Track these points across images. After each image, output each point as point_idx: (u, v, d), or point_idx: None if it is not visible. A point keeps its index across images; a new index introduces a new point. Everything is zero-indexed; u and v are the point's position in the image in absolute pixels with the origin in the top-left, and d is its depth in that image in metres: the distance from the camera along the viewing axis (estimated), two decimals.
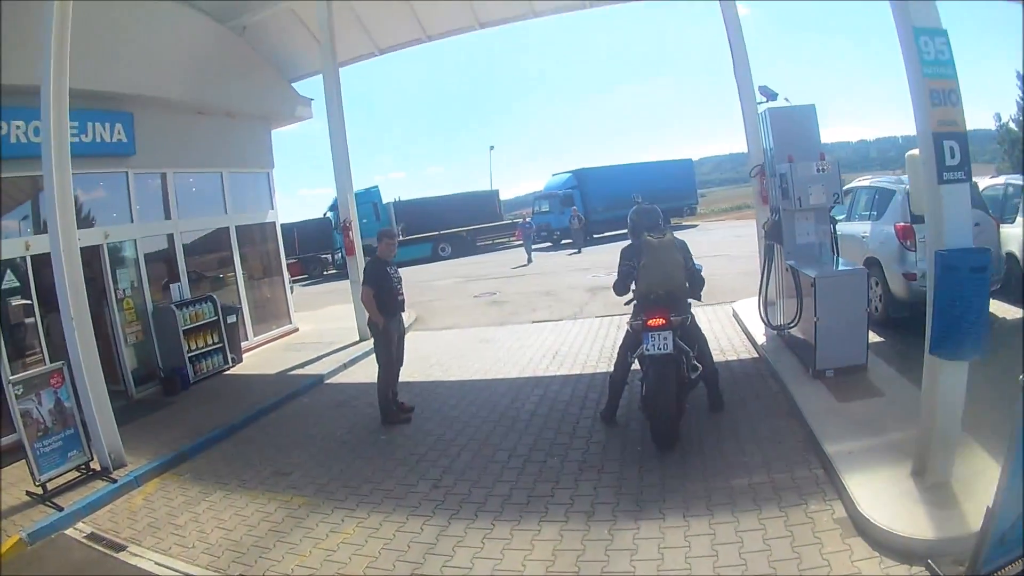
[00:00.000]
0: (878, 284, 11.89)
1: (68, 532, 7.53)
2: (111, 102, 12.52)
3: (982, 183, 13.07)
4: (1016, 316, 11.54)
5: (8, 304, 10.81)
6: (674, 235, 8.40)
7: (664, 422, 7.48)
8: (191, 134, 14.97)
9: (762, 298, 11.11)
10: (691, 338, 8.15)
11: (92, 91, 11.45)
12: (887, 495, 5.70)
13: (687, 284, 8.28)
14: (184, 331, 13.28)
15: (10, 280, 10.76)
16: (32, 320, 11.06)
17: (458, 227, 43.84)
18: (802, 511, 5.91)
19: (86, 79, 10.34)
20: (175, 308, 13.33)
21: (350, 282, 16.02)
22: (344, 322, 16.85)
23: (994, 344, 5.47)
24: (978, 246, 5.51)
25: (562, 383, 10.79)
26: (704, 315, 9.87)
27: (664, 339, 7.51)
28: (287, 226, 38.54)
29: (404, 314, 10.28)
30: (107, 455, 8.81)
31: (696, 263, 8.55)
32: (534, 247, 35.17)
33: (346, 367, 13.61)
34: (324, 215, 41.07)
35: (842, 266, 9.85)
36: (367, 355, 13.54)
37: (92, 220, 12.74)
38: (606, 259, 25.87)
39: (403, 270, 10.23)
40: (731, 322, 13.37)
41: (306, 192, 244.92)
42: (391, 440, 9.19)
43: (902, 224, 11.36)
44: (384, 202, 42.70)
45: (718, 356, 10.18)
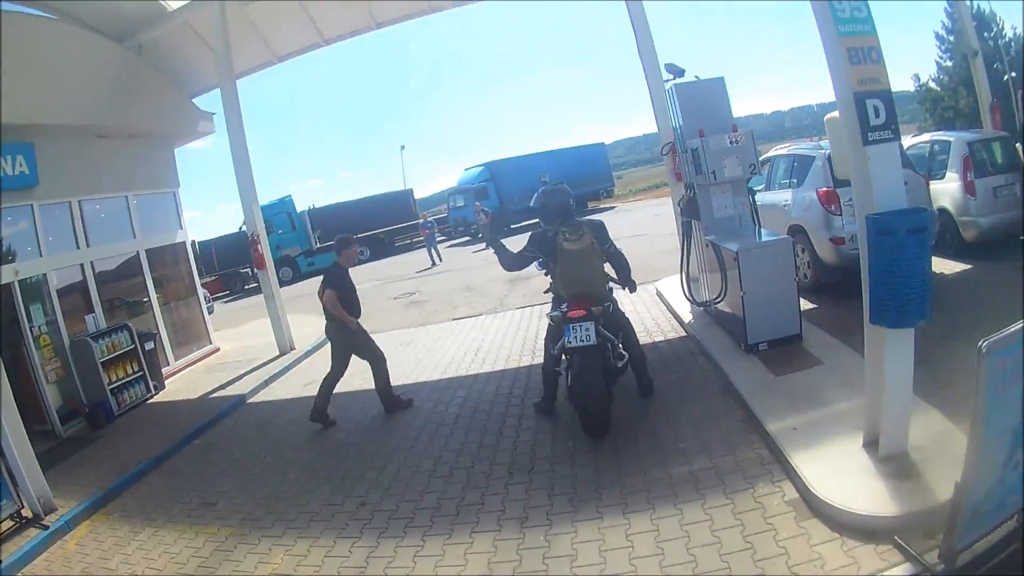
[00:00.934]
0: (805, 251, 11.90)
1: None
2: (10, 134, 11.82)
3: (906, 142, 13.26)
4: (953, 270, 11.75)
5: None
6: (590, 220, 8.24)
7: (593, 412, 7.29)
8: (94, 159, 14.37)
9: (684, 275, 11.03)
10: (615, 325, 8.01)
11: None
12: (841, 471, 5.49)
13: (608, 279, 8.18)
14: (102, 363, 12.71)
15: None
16: None
17: (375, 229, 43.32)
18: (749, 496, 5.67)
19: None
20: (91, 340, 12.77)
21: (264, 296, 15.76)
22: (265, 337, 16.46)
23: (935, 301, 5.24)
24: (911, 206, 5.29)
25: (485, 381, 10.57)
26: (627, 296, 9.66)
27: (586, 330, 7.32)
28: (205, 243, 38.12)
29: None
30: (36, 501, 8.36)
31: (610, 243, 8.33)
32: (451, 243, 34.95)
33: (267, 384, 13.26)
34: (240, 229, 40.27)
35: (765, 237, 9.73)
36: (287, 370, 13.66)
37: (1, 258, 12.10)
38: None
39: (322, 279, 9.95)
40: (655, 302, 13.29)
41: (225, 207, 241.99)
42: (314, 458, 8.86)
43: (824, 189, 11.40)
44: (299, 211, 42.34)
45: (644, 338, 10.05)
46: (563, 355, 7.81)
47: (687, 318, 11.27)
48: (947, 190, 12.61)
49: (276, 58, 17.79)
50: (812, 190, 11.75)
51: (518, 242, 8.56)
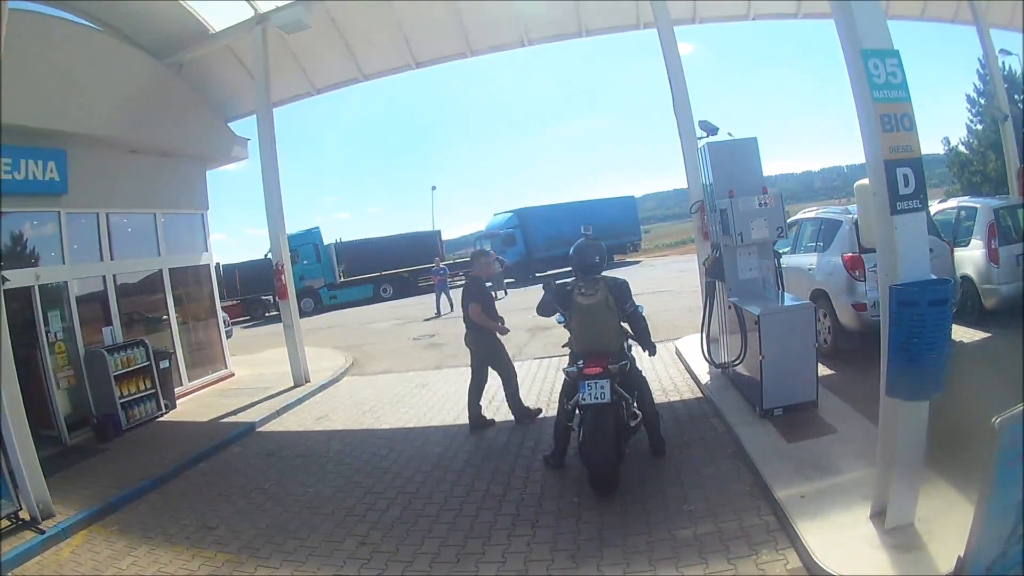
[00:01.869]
0: (826, 316, 11.86)
1: None
2: (44, 139, 12.07)
3: (933, 208, 13.30)
4: (974, 338, 11.65)
5: None
6: (612, 278, 8.21)
7: (602, 470, 7.22)
8: (125, 173, 14.51)
9: (705, 336, 10.83)
10: (631, 383, 7.98)
11: (24, 127, 11.06)
12: (845, 541, 5.38)
13: (626, 336, 8.23)
14: (115, 376, 12.76)
15: None
16: None
17: (399, 268, 43.54)
18: (752, 563, 5.55)
19: (19, 114, 10.03)
20: (106, 352, 12.82)
21: (283, 326, 15.73)
22: (280, 367, 16.39)
23: (952, 370, 5.14)
24: (935, 275, 5.21)
25: (497, 430, 10.44)
26: (645, 354, 9.59)
27: (601, 388, 7.32)
28: (229, 267, 38.39)
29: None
30: (35, 504, 8.37)
31: (638, 304, 8.33)
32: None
33: (279, 414, 13.15)
34: (265, 256, 40.52)
35: (787, 301, 9.64)
36: (299, 402, 13.55)
37: (24, 260, 12.25)
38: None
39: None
40: (674, 360, 13.16)
41: (253, 232, 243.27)
42: (319, 493, 8.73)
43: (850, 255, 11.37)
44: (325, 243, 42.59)
45: (660, 396, 9.97)
46: (576, 410, 7.73)
47: (704, 379, 11.15)
48: (971, 257, 12.57)
49: (314, 89, 18.11)
50: (838, 255, 11.71)
51: (541, 291, 8.52)
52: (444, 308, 28.39)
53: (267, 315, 40.47)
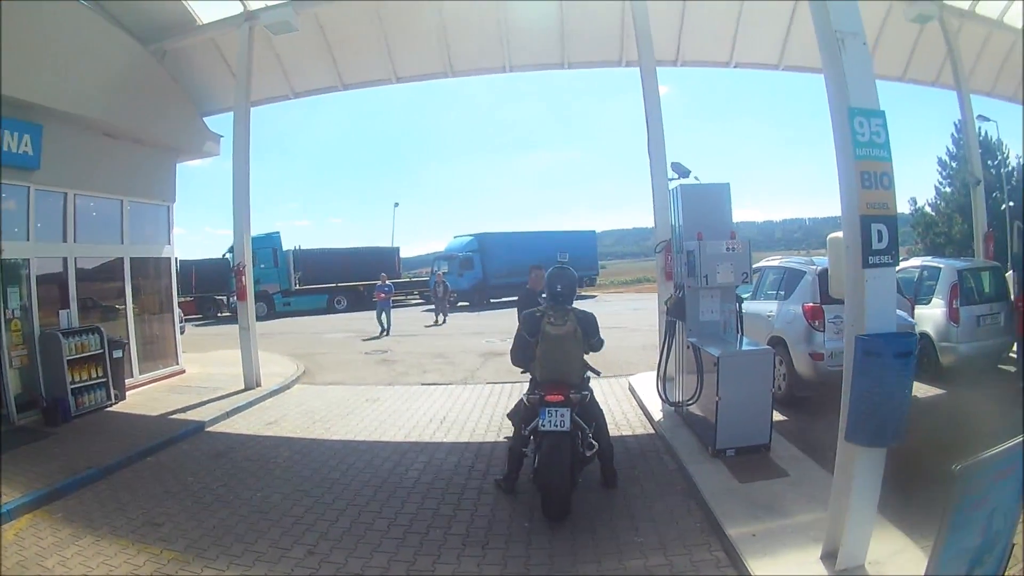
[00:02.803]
0: (782, 363, 12.00)
1: None
2: (21, 111, 11.90)
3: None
4: (928, 394, 11.98)
5: None
6: (581, 311, 8.29)
7: (556, 496, 7.27)
8: (97, 157, 14.35)
9: (661, 374, 10.94)
10: (589, 415, 8.02)
11: (5, 96, 10.97)
12: None
13: (587, 369, 8.29)
14: (68, 361, 12.60)
15: None
16: None
17: (355, 281, 43.38)
18: None
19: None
20: (61, 335, 12.67)
21: (239, 328, 15.60)
22: (231, 368, 16.29)
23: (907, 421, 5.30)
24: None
25: (449, 450, 10.44)
26: (599, 388, 9.70)
27: (561, 416, 7.41)
28: (186, 263, 37.77)
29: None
30: None
31: (599, 338, 8.37)
32: (429, 307, 34.44)
33: (228, 416, 13.02)
34: (223, 256, 40.20)
35: (747, 345, 9.83)
36: (250, 405, 13.48)
37: None
38: (502, 324, 25.81)
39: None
40: (627, 396, 13.23)
41: (211, 230, 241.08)
42: (267, 498, 8.65)
43: (811, 305, 11.60)
44: (284, 249, 42.46)
45: (612, 430, 9.93)
46: (532, 436, 7.81)
47: (657, 416, 11.23)
48: (931, 315, 13.03)
49: (293, 93, 18.12)
50: (799, 304, 11.95)
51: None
52: (385, 327, 28.21)
53: (220, 315, 40.26)
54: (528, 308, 9.30)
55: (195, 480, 9.50)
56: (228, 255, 39.32)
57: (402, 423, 12.19)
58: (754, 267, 13.05)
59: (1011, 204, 31.92)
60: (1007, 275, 14.33)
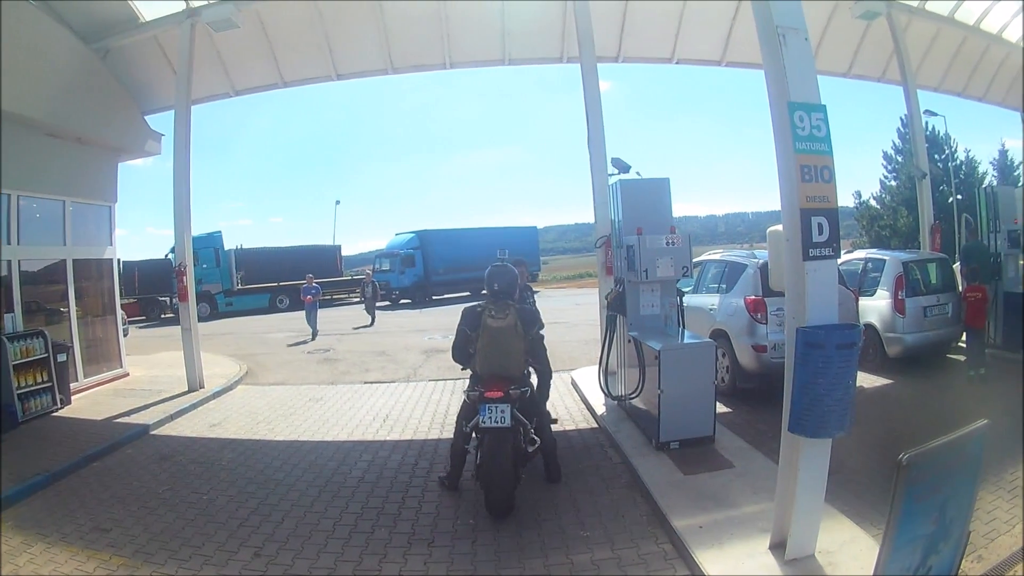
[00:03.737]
0: (725, 356, 12.13)
1: None
2: None
3: (840, 258, 13.74)
4: (875, 384, 12.24)
5: None
6: (522, 306, 8.37)
7: (499, 493, 7.28)
8: (40, 157, 14.02)
9: (603, 368, 10.98)
10: (530, 411, 8.02)
11: None
12: (745, 571, 5.54)
13: (527, 363, 8.23)
14: (14, 366, 12.34)
15: None
16: None
17: (298, 280, 42.62)
18: None
19: None
20: (6, 340, 12.40)
21: (181, 329, 15.39)
22: (175, 370, 16.14)
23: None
24: (841, 320, 5.43)
25: (392, 448, 10.41)
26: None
27: (502, 412, 7.40)
28: (129, 264, 37.15)
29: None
30: None
31: (539, 328, 8.45)
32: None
33: (172, 418, 12.85)
34: (166, 256, 39.60)
35: (688, 339, 9.86)
36: (193, 407, 13.39)
37: None
38: (444, 321, 25.75)
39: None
40: (569, 391, 13.33)
41: (154, 231, 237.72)
42: (212, 500, 8.55)
43: (753, 298, 11.73)
44: (225, 249, 42.02)
45: (555, 425, 9.96)
46: (474, 433, 7.81)
47: (600, 410, 11.29)
48: (876, 307, 13.33)
49: (233, 91, 17.87)
50: (740, 297, 12.07)
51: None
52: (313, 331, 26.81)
53: (163, 316, 39.71)
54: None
55: (141, 485, 9.36)
56: (170, 255, 38.66)
57: (345, 422, 12.16)
58: (695, 261, 13.17)
59: (959, 197, 32.58)
60: (954, 267, 14.65)
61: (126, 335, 18.42)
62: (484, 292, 8.41)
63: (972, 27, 17.95)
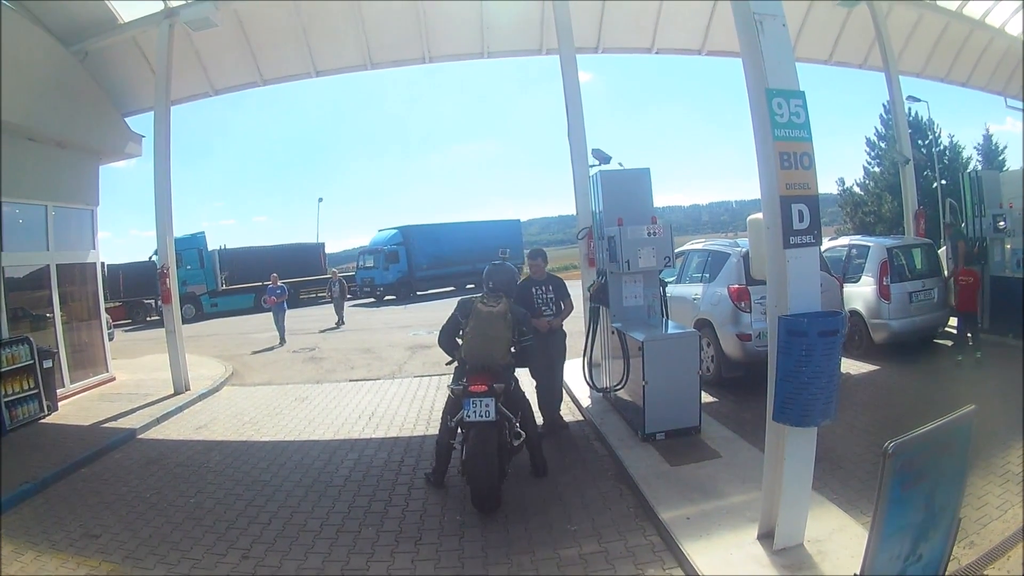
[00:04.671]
0: (710, 345, 12.13)
1: None
2: None
3: (824, 245, 13.77)
4: (862, 371, 12.27)
5: None
6: (516, 305, 8.39)
7: (485, 488, 7.26)
8: (21, 161, 13.79)
9: (587, 360, 10.93)
10: (515, 404, 8.03)
11: None
12: (734, 561, 5.51)
13: (510, 358, 8.17)
14: (0, 373, 12.23)
15: None
16: None
17: (282, 279, 42.51)
18: None
19: None
20: None
21: (165, 332, 15.29)
22: (161, 373, 15.99)
23: (840, 401, 5.33)
24: (825, 308, 5.41)
25: (378, 446, 10.38)
26: (527, 376, 9.67)
27: (486, 406, 7.37)
28: (113, 267, 36.92)
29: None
30: None
31: (530, 336, 8.47)
32: (356, 303, 33.73)
33: (159, 422, 12.77)
34: (150, 258, 39.38)
35: (672, 329, 9.87)
36: (179, 410, 13.30)
37: None
38: (429, 317, 25.71)
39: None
40: None
41: (137, 233, 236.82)
42: (200, 504, 8.50)
43: (736, 286, 11.71)
44: (210, 249, 41.85)
45: (541, 418, 9.95)
46: (459, 428, 7.78)
47: (585, 402, 11.28)
48: (861, 293, 13.36)
49: (213, 91, 17.77)
50: (724, 286, 12.04)
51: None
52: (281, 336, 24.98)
53: (149, 319, 39.37)
54: (523, 300, 9.48)
55: (128, 490, 9.30)
56: (154, 257, 38.58)
57: (331, 421, 12.13)
58: (678, 251, 13.17)
59: (943, 182, 32.68)
60: (940, 251, 14.69)
61: (111, 339, 18.37)
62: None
63: (955, 12, 18.01)
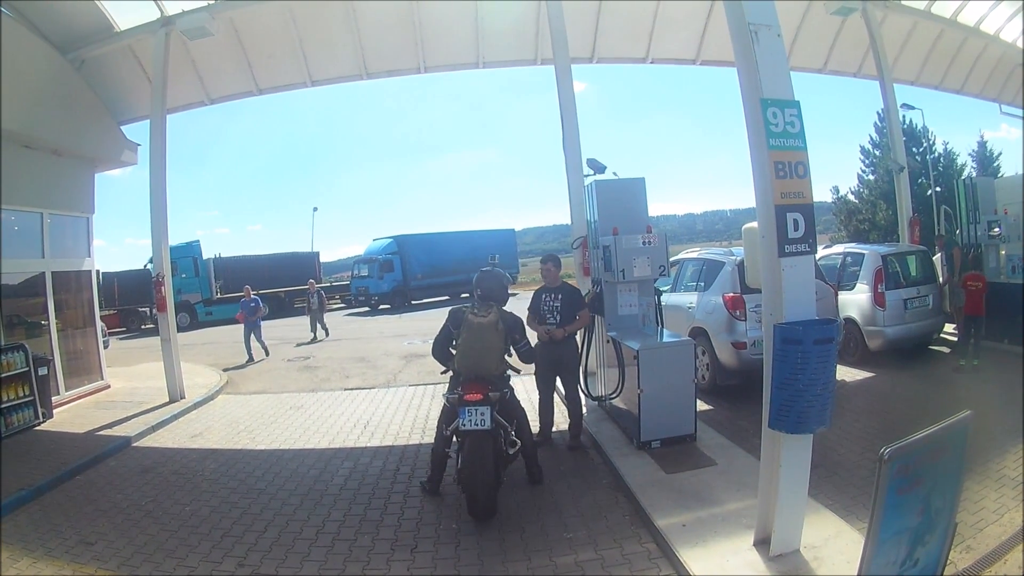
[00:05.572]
0: (705, 353, 12.15)
1: None
2: None
3: (818, 253, 13.81)
4: (857, 378, 12.30)
5: None
6: (507, 311, 8.39)
7: (481, 496, 7.25)
8: (17, 169, 13.73)
9: (582, 369, 10.93)
10: (510, 413, 8.05)
11: None
12: (730, 568, 5.53)
13: (504, 367, 8.23)
14: None
15: None
16: None
17: (276, 288, 42.84)
18: None
19: None
20: None
21: (160, 340, 15.32)
22: (155, 381, 16.00)
23: (835, 407, 5.36)
24: (819, 315, 5.43)
25: (373, 455, 10.39)
26: (523, 384, 9.71)
27: (481, 414, 7.39)
28: (108, 275, 36.78)
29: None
30: None
31: (525, 341, 8.48)
32: (351, 311, 33.55)
33: (154, 430, 12.76)
34: (145, 267, 39.34)
35: (667, 337, 9.90)
36: (174, 418, 13.31)
37: None
38: (423, 326, 25.68)
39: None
40: None
41: (133, 241, 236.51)
42: (195, 512, 8.49)
43: (731, 295, 11.75)
44: (204, 258, 41.82)
45: (536, 426, 10.04)
46: (455, 437, 7.79)
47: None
48: (856, 301, 13.42)
49: (208, 99, 17.80)
50: (719, 294, 12.08)
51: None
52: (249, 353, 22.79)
53: (143, 327, 39.25)
54: (536, 308, 9.79)
55: (124, 498, 9.28)
56: (149, 266, 38.49)
57: (326, 429, 12.11)
58: (673, 259, 13.20)
59: (938, 189, 32.74)
60: (935, 258, 14.74)
61: (106, 347, 18.33)
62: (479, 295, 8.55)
63: (949, 20, 18.11)
